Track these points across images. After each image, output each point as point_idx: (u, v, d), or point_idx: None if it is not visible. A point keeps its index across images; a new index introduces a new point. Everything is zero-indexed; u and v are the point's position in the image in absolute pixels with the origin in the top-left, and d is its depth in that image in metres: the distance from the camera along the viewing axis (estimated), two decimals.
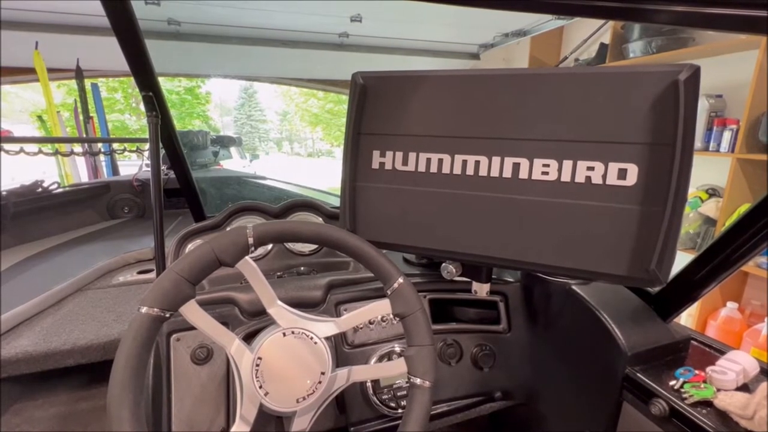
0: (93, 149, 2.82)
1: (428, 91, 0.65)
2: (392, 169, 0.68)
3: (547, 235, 0.59)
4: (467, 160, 0.63)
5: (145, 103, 0.88)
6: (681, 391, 0.61)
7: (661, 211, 0.52)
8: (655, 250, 0.53)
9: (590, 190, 0.57)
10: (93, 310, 1.09)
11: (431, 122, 0.65)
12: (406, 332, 0.59)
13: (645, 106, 0.53)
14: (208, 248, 0.53)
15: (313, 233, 0.59)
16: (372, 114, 0.68)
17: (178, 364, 0.70)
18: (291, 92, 19.37)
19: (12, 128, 8.58)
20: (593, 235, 0.57)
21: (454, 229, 0.65)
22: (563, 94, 0.57)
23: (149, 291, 0.50)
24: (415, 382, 0.56)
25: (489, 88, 0.62)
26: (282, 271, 0.97)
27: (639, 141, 0.54)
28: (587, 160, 0.57)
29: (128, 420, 0.45)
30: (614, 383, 0.68)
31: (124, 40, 0.78)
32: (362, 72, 0.69)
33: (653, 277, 0.53)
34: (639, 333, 0.69)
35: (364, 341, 0.82)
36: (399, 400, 0.80)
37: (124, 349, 0.48)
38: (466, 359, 0.88)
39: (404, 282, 0.59)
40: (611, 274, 0.56)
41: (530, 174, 0.60)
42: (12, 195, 1.69)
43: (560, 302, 0.81)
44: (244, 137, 16.19)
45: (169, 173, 1.87)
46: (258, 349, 0.56)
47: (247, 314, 0.75)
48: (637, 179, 0.54)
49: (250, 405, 0.55)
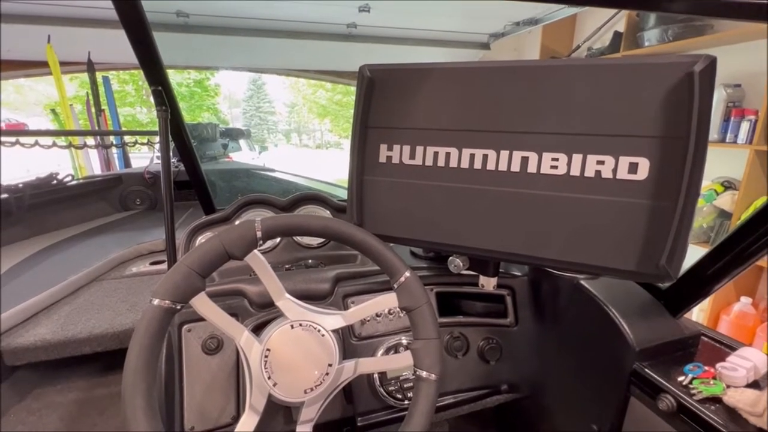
0: (105, 142, 2.86)
1: (436, 84, 0.64)
2: (399, 162, 0.68)
3: (556, 230, 0.59)
4: (475, 153, 0.63)
5: (155, 98, 0.89)
6: (689, 387, 0.60)
7: (673, 206, 0.51)
8: (666, 246, 0.52)
9: (600, 184, 0.56)
10: (108, 300, 1.12)
11: (439, 115, 0.65)
12: (413, 325, 0.60)
13: (658, 99, 0.52)
14: (218, 242, 0.54)
15: (320, 227, 0.60)
16: (379, 107, 0.68)
17: (190, 354, 0.72)
18: (299, 84, 19.32)
19: (27, 121, 8.74)
20: (602, 230, 0.56)
21: (461, 223, 0.65)
22: (574, 87, 0.56)
23: (160, 283, 0.51)
24: (421, 375, 0.57)
25: (498, 81, 0.61)
26: (290, 263, 0.98)
27: (651, 134, 0.53)
28: (597, 153, 0.56)
29: (142, 407, 0.47)
30: (621, 378, 0.68)
31: (133, 34, 0.79)
32: (369, 65, 0.68)
33: (663, 272, 0.53)
34: (648, 328, 0.69)
35: (371, 333, 0.83)
36: (405, 391, 0.81)
37: (137, 339, 0.49)
38: (472, 352, 0.88)
39: (411, 276, 0.59)
40: (620, 270, 0.56)
41: (539, 168, 0.59)
42: (28, 187, 1.72)
43: (568, 297, 0.81)
44: (252, 129, 16.24)
45: (180, 165, 1.89)
46: (267, 341, 0.58)
47: (256, 306, 0.76)
48: (649, 173, 0.53)
49: (259, 395, 0.57)
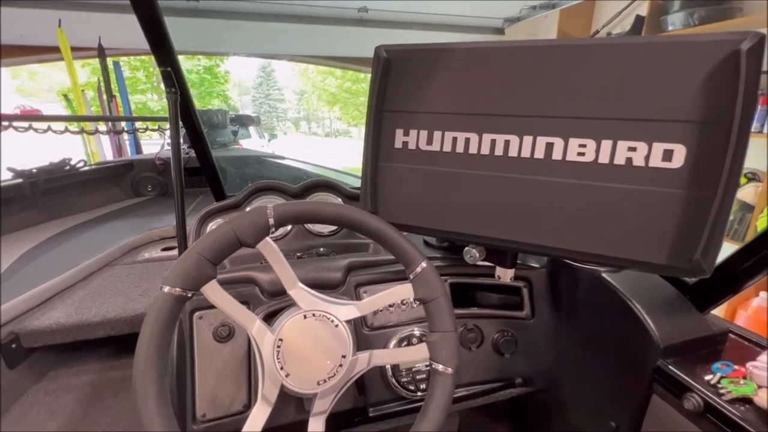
0: (116, 128, 2.87)
1: (456, 65, 0.61)
2: (416, 148, 0.65)
3: (581, 221, 0.56)
4: (496, 139, 0.60)
5: (164, 79, 0.87)
6: (718, 387, 0.58)
7: (710, 197, 0.48)
8: (701, 239, 0.49)
9: (631, 172, 0.52)
10: (120, 285, 1.13)
11: (458, 99, 0.61)
12: (429, 318, 0.58)
13: (698, 80, 0.48)
14: (229, 228, 0.53)
15: (334, 214, 0.58)
16: (396, 90, 0.65)
17: (201, 341, 0.71)
18: (308, 71, 19.17)
19: (42, 107, 8.85)
20: (632, 222, 0.53)
21: (480, 212, 0.62)
22: (605, 67, 0.52)
23: (171, 270, 0.50)
24: (437, 369, 0.55)
25: (522, 61, 0.57)
26: (301, 251, 0.97)
27: (689, 119, 0.49)
28: (629, 140, 0.52)
29: (153, 395, 0.46)
30: (644, 375, 0.65)
31: (142, 12, 0.77)
32: (386, 45, 0.65)
33: (697, 267, 0.50)
34: (673, 324, 0.66)
35: (383, 324, 0.82)
36: (418, 383, 0.79)
37: (147, 327, 0.48)
38: (486, 344, 0.87)
39: (427, 266, 0.57)
40: (650, 263, 0.53)
41: (564, 155, 0.56)
42: (42, 172, 1.74)
43: (588, 289, 0.78)
44: (262, 116, 16.24)
45: (190, 152, 1.88)
46: (279, 331, 0.56)
47: (268, 294, 0.75)
48: (685, 161, 0.49)
49: (272, 386, 0.56)
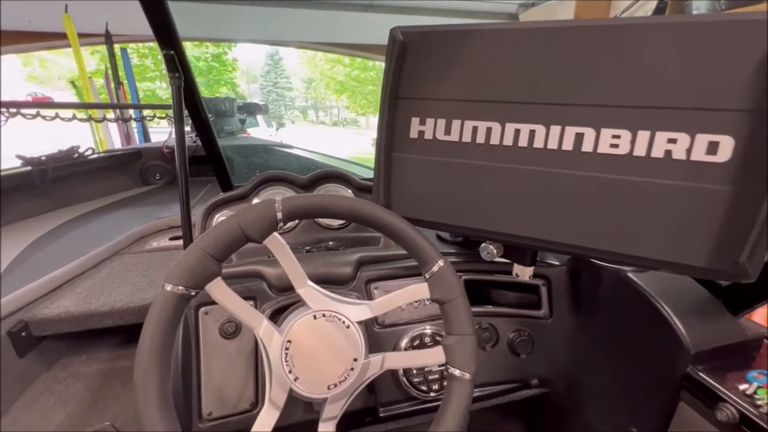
0: (124, 115, 2.86)
1: (477, 48, 0.56)
2: (433, 138, 0.61)
3: (612, 218, 0.52)
4: (520, 129, 0.55)
5: (167, 63, 0.83)
6: (754, 397, 0.54)
7: (760, 195, 0.44)
8: (748, 240, 0.44)
9: (670, 166, 0.48)
10: (128, 275, 1.12)
11: (480, 85, 0.57)
12: (445, 319, 0.54)
13: (752, 64, 0.43)
14: (235, 223, 0.49)
15: (345, 209, 0.54)
16: (412, 75, 0.60)
17: (207, 338, 0.69)
18: (316, 59, 18.97)
19: (53, 94, 8.90)
20: (669, 220, 0.48)
21: (501, 207, 0.58)
22: (642, 50, 0.47)
23: (174, 267, 0.47)
24: (454, 374, 0.52)
25: (550, 45, 0.52)
26: (309, 245, 0.94)
27: (739, 107, 0.44)
28: (668, 130, 0.47)
29: (155, 397, 0.44)
30: (672, 382, 0.62)
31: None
32: (402, 27, 0.60)
33: (741, 271, 0.45)
34: (705, 328, 0.62)
35: (395, 321, 0.79)
36: (430, 383, 0.77)
37: (149, 326, 0.46)
38: (502, 344, 0.83)
39: (445, 265, 0.54)
40: (688, 266, 0.48)
41: (596, 146, 0.51)
42: (51, 160, 1.73)
43: (611, 290, 0.74)
44: (270, 105, 16.16)
45: (198, 140, 1.86)
46: (287, 332, 0.53)
47: (276, 289, 0.73)
48: (732, 154, 0.45)
49: (279, 390, 0.53)
